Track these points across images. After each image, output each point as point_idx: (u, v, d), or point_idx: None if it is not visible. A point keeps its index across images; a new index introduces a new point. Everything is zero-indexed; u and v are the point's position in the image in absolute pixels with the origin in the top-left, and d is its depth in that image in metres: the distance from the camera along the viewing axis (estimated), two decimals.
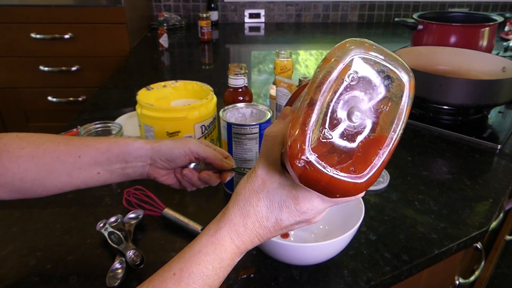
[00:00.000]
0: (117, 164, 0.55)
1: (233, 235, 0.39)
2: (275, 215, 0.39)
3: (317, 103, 0.33)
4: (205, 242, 0.38)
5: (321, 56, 1.63)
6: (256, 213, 0.39)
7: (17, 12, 1.63)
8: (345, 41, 0.35)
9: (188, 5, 2.14)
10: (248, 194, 0.39)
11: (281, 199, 0.38)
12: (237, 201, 0.39)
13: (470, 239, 0.65)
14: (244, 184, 0.40)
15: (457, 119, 1.02)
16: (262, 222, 0.39)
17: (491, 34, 1.34)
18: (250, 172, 0.40)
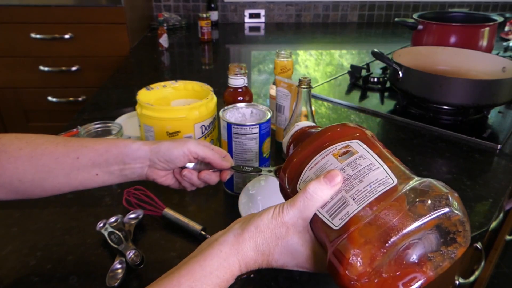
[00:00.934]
0: (115, 165, 0.55)
1: (243, 264, 0.40)
2: (283, 261, 0.41)
3: (392, 244, 0.33)
4: (216, 266, 0.39)
5: (321, 56, 1.63)
6: (269, 255, 0.41)
7: (17, 12, 1.63)
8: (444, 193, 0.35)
9: (188, 5, 2.14)
10: (269, 237, 0.40)
11: (296, 252, 0.41)
12: (255, 237, 0.40)
13: (470, 239, 0.65)
14: (267, 224, 0.40)
15: (457, 119, 1.02)
16: (271, 263, 0.42)
17: (491, 34, 1.34)
18: (277, 214, 0.40)
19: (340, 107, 1.13)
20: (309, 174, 0.42)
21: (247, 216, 0.45)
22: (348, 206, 0.37)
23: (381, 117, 1.06)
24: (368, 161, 0.39)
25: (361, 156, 0.40)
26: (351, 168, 0.39)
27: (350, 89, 1.25)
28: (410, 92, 1.03)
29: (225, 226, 0.66)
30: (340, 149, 0.42)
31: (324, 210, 0.39)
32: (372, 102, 1.16)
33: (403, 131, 0.99)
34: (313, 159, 0.42)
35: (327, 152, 0.42)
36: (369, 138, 0.43)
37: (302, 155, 0.44)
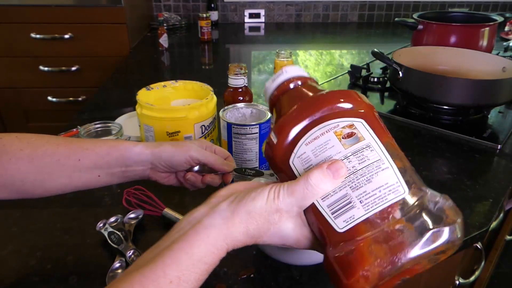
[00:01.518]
0: (117, 167, 0.56)
1: (231, 247, 0.38)
2: (271, 241, 0.40)
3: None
4: (204, 252, 0.36)
5: (321, 56, 1.63)
6: (259, 237, 0.39)
7: (17, 12, 1.63)
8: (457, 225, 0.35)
9: (188, 5, 2.14)
10: (262, 223, 0.38)
11: (286, 236, 0.39)
12: (247, 222, 0.37)
13: (470, 239, 0.65)
14: (261, 210, 0.37)
15: (457, 119, 1.02)
16: (258, 243, 0.40)
17: (491, 34, 1.34)
18: (272, 200, 0.37)
19: None
20: (306, 150, 0.38)
21: (232, 189, 0.41)
22: (354, 209, 0.35)
23: (381, 117, 1.06)
24: (377, 155, 0.36)
25: (368, 146, 0.37)
26: (357, 160, 0.36)
27: (350, 89, 1.25)
28: (410, 92, 1.03)
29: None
30: (343, 127, 0.37)
31: (325, 204, 0.36)
32: (372, 102, 1.15)
33: (403, 131, 0.99)
34: (310, 132, 0.38)
35: (328, 127, 0.38)
36: (376, 119, 0.40)
37: (297, 120, 0.39)
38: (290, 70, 0.45)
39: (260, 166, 0.71)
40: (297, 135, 0.38)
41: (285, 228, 0.38)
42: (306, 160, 0.38)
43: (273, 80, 0.45)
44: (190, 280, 0.36)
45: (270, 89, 0.46)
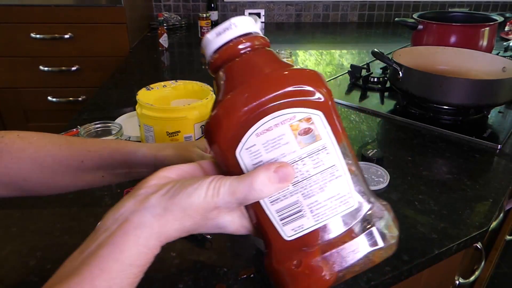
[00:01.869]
0: (120, 169, 0.56)
1: (164, 243, 0.34)
2: (208, 231, 0.37)
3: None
4: (136, 255, 0.32)
5: (321, 56, 1.63)
6: (194, 231, 0.35)
7: (17, 12, 1.63)
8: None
9: (188, 5, 2.14)
10: (199, 219, 0.33)
11: (224, 228, 0.36)
12: (182, 220, 0.33)
13: (470, 239, 0.65)
14: (198, 208, 0.33)
15: (457, 119, 1.02)
16: (193, 233, 0.36)
17: (491, 34, 1.34)
18: (210, 197, 0.32)
19: (340, 107, 1.12)
20: (257, 143, 0.32)
21: (163, 177, 0.36)
22: (304, 218, 0.33)
23: (381, 117, 1.06)
24: (332, 160, 0.33)
25: (324, 148, 0.33)
26: (312, 164, 0.32)
27: (350, 89, 1.25)
28: (410, 92, 1.03)
29: None
30: (300, 120, 0.32)
31: (274, 209, 0.33)
32: (372, 102, 1.16)
33: (403, 131, 0.99)
34: (263, 120, 0.32)
35: (283, 117, 0.32)
36: (334, 110, 0.34)
37: (248, 103, 0.32)
38: (242, 24, 0.35)
39: None
40: (247, 121, 0.32)
41: (223, 221, 0.35)
42: (255, 154, 0.33)
43: (218, 34, 0.35)
44: (122, 286, 0.32)
45: (212, 46, 0.36)
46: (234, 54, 0.34)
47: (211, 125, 0.34)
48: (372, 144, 0.92)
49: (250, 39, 0.35)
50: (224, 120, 0.33)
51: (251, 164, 0.33)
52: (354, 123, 1.03)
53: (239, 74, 0.34)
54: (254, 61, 0.34)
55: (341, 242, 0.33)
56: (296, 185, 0.33)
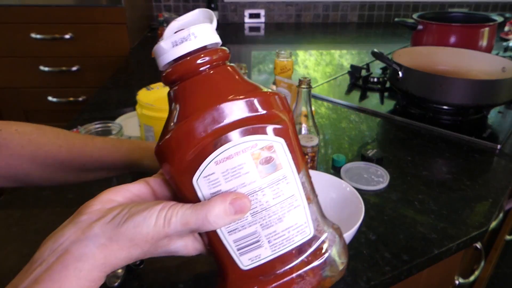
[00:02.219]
0: (125, 170, 0.58)
1: (110, 272, 0.31)
2: (156, 256, 0.34)
3: None
4: None
5: (321, 56, 1.63)
6: (143, 257, 0.32)
7: (17, 12, 1.63)
8: None
9: (188, 5, 2.14)
10: (147, 249, 0.31)
11: (176, 252, 0.33)
12: (130, 249, 0.30)
13: (470, 239, 0.65)
14: (147, 237, 0.30)
15: (457, 119, 1.02)
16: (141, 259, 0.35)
17: (491, 34, 1.34)
18: (161, 226, 0.30)
19: (340, 107, 1.13)
20: (216, 171, 0.30)
21: (107, 201, 0.32)
22: (261, 248, 0.32)
23: (381, 117, 1.06)
24: (292, 190, 0.32)
25: (285, 178, 0.32)
26: (272, 194, 0.31)
27: (350, 89, 1.25)
28: (410, 92, 1.03)
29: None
30: (262, 149, 0.31)
31: (231, 239, 0.32)
32: (372, 102, 1.16)
33: (403, 131, 0.99)
34: (223, 147, 0.30)
35: (245, 145, 0.30)
36: (294, 137, 0.33)
37: (207, 128, 0.30)
38: (203, 34, 0.32)
39: None
40: (206, 149, 0.30)
41: (175, 247, 0.33)
42: (214, 183, 0.31)
43: (174, 44, 0.31)
44: None
45: (166, 58, 0.32)
46: (192, 71, 0.31)
47: (165, 148, 0.31)
48: (372, 144, 0.93)
49: (209, 53, 0.32)
50: (181, 146, 0.30)
51: (209, 193, 0.31)
52: (354, 123, 1.03)
53: (197, 95, 0.31)
54: (213, 82, 0.32)
55: (296, 270, 0.33)
56: (255, 216, 0.32)
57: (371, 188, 0.75)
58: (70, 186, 0.74)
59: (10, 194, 0.73)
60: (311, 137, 0.74)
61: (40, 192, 0.73)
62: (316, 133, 0.78)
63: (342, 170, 0.80)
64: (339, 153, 0.87)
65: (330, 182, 0.65)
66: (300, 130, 0.78)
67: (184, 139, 0.30)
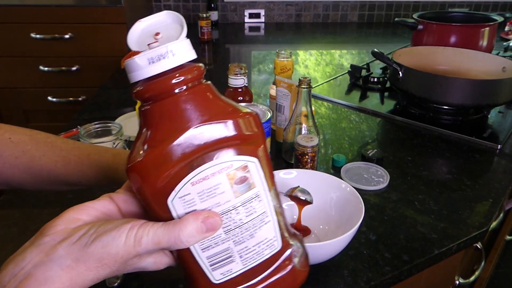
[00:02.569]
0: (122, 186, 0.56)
1: None
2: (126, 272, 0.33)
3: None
4: None
5: (321, 56, 1.63)
6: (110, 276, 0.31)
7: (17, 12, 1.63)
8: None
9: (188, 5, 2.14)
10: (117, 268, 0.30)
11: (145, 268, 0.33)
12: (98, 270, 0.29)
13: (470, 239, 0.65)
14: (116, 257, 0.29)
15: (457, 119, 1.02)
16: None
17: (491, 34, 1.34)
18: (131, 246, 0.29)
19: (340, 107, 1.13)
20: (192, 192, 0.31)
21: (72, 220, 0.31)
22: (233, 263, 0.33)
23: (381, 117, 1.06)
24: (263, 207, 0.33)
25: (257, 196, 0.33)
26: (245, 212, 0.32)
27: (350, 89, 1.25)
28: (410, 92, 1.03)
29: None
30: (237, 169, 0.31)
31: (205, 255, 0.32)
32: (372, 102, 1.16)
33: (403, 131, 0.99)
34: (200, 168, 0.30)
35: (221, 166, 0.31)
36: (266, 155, 0.34)
37: (184, 150, 0.30)
38: (181, 52, 0.30)
39: None
40: (182, 170, 0.30)
41: (144, 263, 0.32)
42: (189, 204, 0.31)
43: (151, 61, 0.30)
44: None
45: (141, 75, 0.30)
46: (166, 92, 0.30)
47: (138, 170, 0.30)
48: (372, 144, 0.92)
49: (185, 72, 0.30)
50: (156, 170, 0.30)
51: (183, 212, 0.31)
52: (354, 123, 1.03)
53: (172, 118, 0.30)
54: (189, 103, 0.30)
55: (265, 280, 0.34)
56: (228, 233, 0.32)
57: (371, 188, 0.75)
58: None
59: (10, 194, 0.73)
60: (311, 137, 0.74)
61: (40, 192, 0.73)
62: (316, 133, 0.78)
63: (342, 170, 0.80)
64: (339, 153, 0.87)
65: (330, 182, 0.65)
66: (300, 130, 0.77)
67: (159, 163, 0.29)
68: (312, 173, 0.68)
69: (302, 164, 0.74)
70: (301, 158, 0.73)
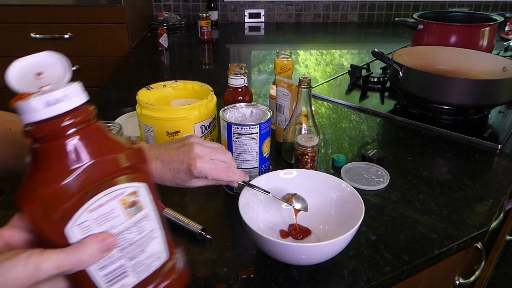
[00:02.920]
0: None
1: None
2: None
3: None
4: None
5: (321, 56, 1.63)
6: None
7: (17, 12, 1.62)
8: None
9: (188, 5, 2.14)
10: None
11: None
12: None
13: (471, 239, 0.65)
14: (21, 285, 0.30)
15: (457, 119, 1.02)
16: None
17: (491, 34, 1.34)
18: (29, 275, 0.30)
19: (340, 107, 1.12)
20: (89, 218, 0.33)
21: None
22: (127, 277, 0.37)
23: (381, 117, 1.06)
24: (152, 224, 0.38)
25: (147, 216, 0.37)
26: (137, 231, 0.37)
27: (350, 89, 1.25)
28: (411, 92, 1.03)
29: (225, 226, 0.66)
30: (128, 194, 0.35)
31: (101, 274, 0.35)
32: (372, 102, 1.16)
33: (403, 131, 0.99)
34: (96, 197, 0.33)
35: (114, 193, 0.34)
36: (153, 183, 0.38)
37: (81, 186, 0.33)
38: (76, 95, 0.33)
39: (260, 166, 0.71)
40: (79, 200, 0.32)
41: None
42: (87, 229, 0.33)
43: (48, 104, 0.31)
44: None
45: (36, 116, 0.31)
46: (60, 133, 0.32)
47: (33, 207, 0.32)
48: (372, 144, 0.92)
49: (77, 115, 0.33)
50: (52, 206, 0.32)
51: (81, 238, 0.33)
52: (354, 123, 1.03)
53: (66, 156, 0.32)
54: (81, 143, 0.33)
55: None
56: (122, 251, 0.36)
57: (371, 188, 0.75)
58: None
59: (10, 194, 0.73)
60: (311, 137, 0.74)
61: None
62: (316, 133, 0.78)
63: (342, 170, 0.80)
64: (339, 153, 0.87)
65: (330, 182, 0.65)
66: (300, 130, 0.77)
67: (54, 199, 0.32)
68: (312, 173, 0.68)
69: (302, 164, 0.74)
70: (301, 158, 0.73)
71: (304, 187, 0.65)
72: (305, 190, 0.65)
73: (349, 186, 0.63)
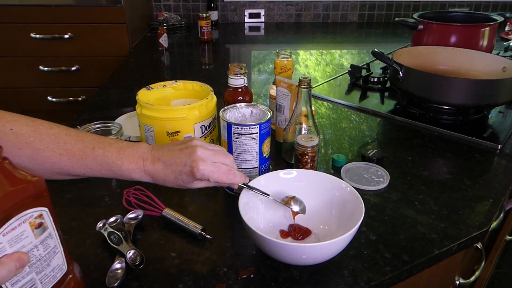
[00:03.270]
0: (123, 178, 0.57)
1: None
2: None
3: None
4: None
5: (321, 56, 1.63)
6: None
7: (17, 12, 1.62)
8: None
9: (188, 5, 2.14)
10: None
11: None
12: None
13: (471, 239, 0.65)
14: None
15: (457, 119, 1.02)
16: None
17: (491, 34, 1.34)
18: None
19: (340, 107, 1.12)
20: (3, 241, 0.39)
21: None
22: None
23: (381, 117, 1.06)
24: (54, 241, 0.45)
25: (50, 234, 0.44)
26: (43, 248, 0.44)
27: (350, 89, 1.25)
28: (411, 92, 1.03)
29: (225, 226, 0.66)
30: (36, 217, 0.42)
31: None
32: (372, 102, 1.16)
33: (403, 131, 0.99)
34: (8, 223, 0.39)
35: (24, 217, 0.41)
36: (52, 207, 0.45)
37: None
38: None
39: (260, 167, 0.71)
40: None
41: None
42: (1, 250, 0.39)
43: None
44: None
45: None
46: None
47: None
48: (372, 144, 0.92)
49: None
50: None
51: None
52: (354, 123, 1.02)
53: None
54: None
55: None
56: (31, 266, 0.42)
57: (371, 188, 0.75)
58: (70, 186, 0.74)
59: None
60: (311, 137, 0.74)
61: None
62: (316, 133, 0.78)
63: (342, 170, 0.80)
64: (339, 153, 0.87)
65: (330, 182, 0.65)
66: (300, 130, 0.77)
67: None
68: (312, 173, 0.68)
69: (302, 164, 0.74)
70: (301, 158, 0.73)
71: (304, 187, 0.65)
72: (305, 190, 0.65)
73: (349, 186, 0.63)
